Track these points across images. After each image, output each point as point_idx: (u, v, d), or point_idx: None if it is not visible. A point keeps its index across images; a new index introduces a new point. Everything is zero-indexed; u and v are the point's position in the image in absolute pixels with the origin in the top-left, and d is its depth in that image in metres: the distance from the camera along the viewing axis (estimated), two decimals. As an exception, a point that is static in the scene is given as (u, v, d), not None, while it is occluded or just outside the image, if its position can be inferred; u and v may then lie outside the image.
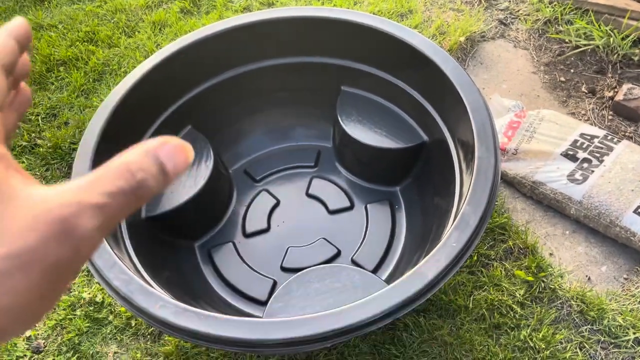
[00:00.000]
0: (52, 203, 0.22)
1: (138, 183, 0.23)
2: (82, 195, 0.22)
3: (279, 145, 1.31)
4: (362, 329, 0.74)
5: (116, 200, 0.23)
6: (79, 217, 0.22)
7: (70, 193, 0.22)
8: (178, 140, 0.26)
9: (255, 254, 1.14)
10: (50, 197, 0.22)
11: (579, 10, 1.58)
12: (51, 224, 0.21)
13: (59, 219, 0.22)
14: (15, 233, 0.21)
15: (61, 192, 0.23)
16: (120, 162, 0.24)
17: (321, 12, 1.13)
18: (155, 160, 0.24)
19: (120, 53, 1.63)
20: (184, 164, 0.25)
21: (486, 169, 0.87)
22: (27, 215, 0.22)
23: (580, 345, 1.03)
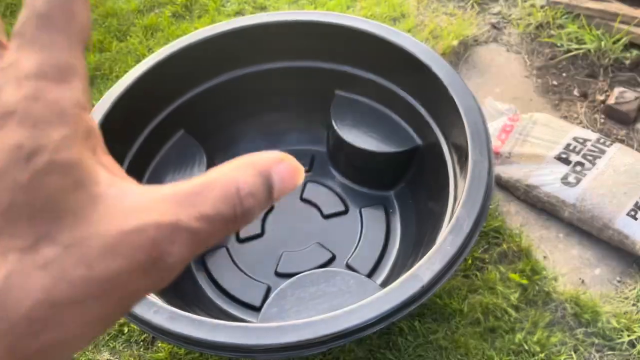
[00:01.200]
0: (146, 216, 0.18)
1: (244, 211, 0.19)
2: (180, 211, 0.18)
3: (273, 150, 1.30)
4: (357, 334, 0.74)
5: (213, 226, 0.19)
6: (171, 244, 0.18)
7: (167, 205, 0.18)
8: (293, 160, 0.21)
9: (249, 259, 1.14)
10: (143, 205, 0.18)
11: (570, 15, 1.59)
12: (141, 250, 0.17)
13: (151, 243, 0.17)
14: (99, 252, 0.17)
15: (155, 200, 0.18)
16: (229, 179, 0.20)
17: (314, 16, 1.13)
18: (266, 182, 0.20)
19: (112, 58, 1.63)
20: (293, 186, 0.21)
21: (480, 172, 0.87)
22: (114, 230, 0.17)
23: (575, 348, 1.03)
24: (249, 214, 0.20)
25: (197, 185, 0.19)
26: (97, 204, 0.18)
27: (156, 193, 0.19)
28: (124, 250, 0.17)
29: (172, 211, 0.18)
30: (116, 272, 0.17)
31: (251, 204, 0.19)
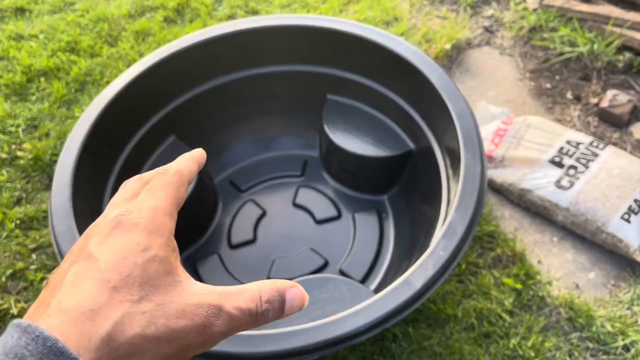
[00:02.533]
0: (203, 299, 0.29)
1: (262, 311, 0.31)
2: (224, 301, 0.30)
3: (265, 155, 1.29)
4: (350, 340, 0.73)
5: (243, 315, 0.30)
6: (217, 319, 0.29)
7: (217, 295, 0.30)
8: (302, 289, 0.33)
9: (241, 265, 1.12)
10: (202, 292, 0.30)
11: (563, 18, 1.59)
12: (198, 317, 0.29)
13: (205, 314, 0.29)
14: (175, 313, 0.28)
15: (211, 292, 0.30)
16: (257, 289, 0.31)
17: (306, 20, 1.13)
18: (281, 298, 0.32)
19: (103, 63, 1.61)
20: (298, 308, 0.32)
21: (473, 176, 0.86)
22: (185, 302, 0.29)
23: (570, 353, 1.03)
24: (265, 314, 0.31)
25: (237, 289, 0.31)
26: (177, 286, 0.30)
27: (212, 288, 0.31)
28: (189, 315, 0.28)
29: (219, 300, 0.30)
30: (182, 327, 0.28)
31: (267, 307, 0.31)
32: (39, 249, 1.21)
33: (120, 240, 0.30)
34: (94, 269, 0.28)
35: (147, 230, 0.30)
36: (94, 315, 0.26)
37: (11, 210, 1.26)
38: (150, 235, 0.30)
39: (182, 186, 0.36)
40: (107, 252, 0.29)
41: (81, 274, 0.28)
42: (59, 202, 0.87)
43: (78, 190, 0.90)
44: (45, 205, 1.28)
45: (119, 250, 0.29)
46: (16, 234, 1.22)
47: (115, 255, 0.29)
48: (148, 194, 0.34)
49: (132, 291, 0.28)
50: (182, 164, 0.38)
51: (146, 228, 0.31)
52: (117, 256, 0.29)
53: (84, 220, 0.88)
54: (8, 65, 1.62)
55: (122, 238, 0.30)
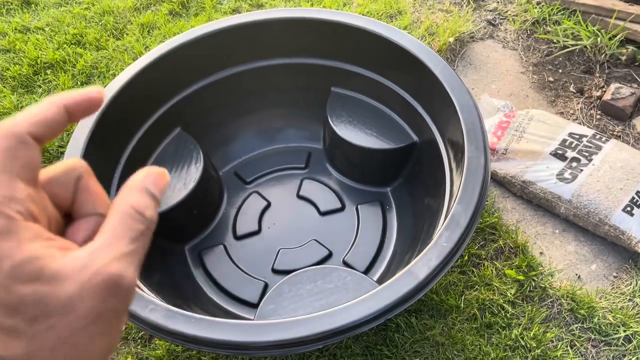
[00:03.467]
0: (94, 266, 0.24)
1: (149, 220, 0.26)
2: (114, 251, 0.25)
3: (270, 147, 1.30)
4: (354, 330, 0.74)
5: (140, 241, 0.26)
6: (122, 271, 0.25)
7: (103, 253, 0.25)
8: (156, 168, 0.29)
9: (246, 256, 1.14)
10: (89, 261, 0.24)
11: (566, 11, 1.59)
12: (102, 286, 0.24)
13: (107, 279, 0.24)
14: (77, 303, 0.24)
15: (95, 254, 0.25)
16: (127, 207, 0.26)
17: (310, 13, 1.13)
18: (148, 193, 0.27)
19: (109, 56, 1.62)
20: (165, 186, 0.28)
21: (476, 168, 0.87)
22: (79, 286, 0.24)
23: (571, 344, 1.04)
24: (153, 220, 0.26)
25: (111, 226, 0.26)
26: (62, 279, 0.24)
27: (91, 248, 0.25)
28: (90, 293, 0.24)
29: (108, 252, 0.25)
30: (94, 306, 0.24)
31: (151, 213, 0.26)
32: (46, 240, 1.22)
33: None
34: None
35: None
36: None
37: (19, 202, 1.27)
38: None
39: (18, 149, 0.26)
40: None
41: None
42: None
43: (86, 181, 0.91)
44: (52, 196, 1.29)
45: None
46: (24, 225, 1.24)
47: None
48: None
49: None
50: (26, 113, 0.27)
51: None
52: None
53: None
54: (15, 57, 1.63)
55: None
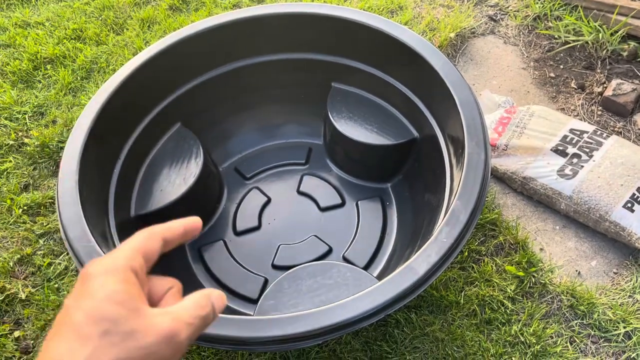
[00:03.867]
0: (163, 322, 0.35)
1: (207, 314, 0.39)
2: (180, 317, 0.37)
3: (270, 143, 1.30)
4: (354, 326, 0.74)
5: (199, 321, 0.38)
6: (179, 331, 0.36)
7: (173, 316, 0.36)
8: (220, 292, 0.41)
9: (246, 251, 1.14)
10: (162, 315, 0.36)
11: (568, 6, 1.59)
12: (164, 334, 0.35)
13: (168, 331, 0.35)
14: (142, 338, 0.34)
15: (168, 315, 0.36)
16: (199, 298, 0.39)
17: (311, 8, 1.13)
18: (211, 302, 0.40)
19: (109, 51, 1.62)
20: (223, 307, 0.41)
21: (476, 164, 0.87)
22: (150, 327, 0.35)
23: (571, 340, 1.04)
24: (210, 316, 0.39)
25: (187, 303, 0.39)
26: (143, 315, 0.35)
27: (168, 309, 0.38)
28: (156, 334, 0.35)
29: (178, 316, 0.37)
30: (154, 343, 0.34)
31: (209, 311, 0.39)
32: (46, 235, 1.22)
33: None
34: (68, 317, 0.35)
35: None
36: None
37: (19, 197, 1.27)
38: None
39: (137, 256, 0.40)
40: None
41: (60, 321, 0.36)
42: (66, 189, 0.88)
43: (85, 176, 0.91)
44: (52, 191, 1.29)
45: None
46: (23, 220, 1.24)
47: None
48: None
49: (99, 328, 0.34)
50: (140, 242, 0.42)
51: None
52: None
53: (90, 207, 0.90)
54: (15, 52, 1.63)
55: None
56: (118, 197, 1.02)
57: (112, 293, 0.35)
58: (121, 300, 0.35)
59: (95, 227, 0.87)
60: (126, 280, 0.36)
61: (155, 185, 1.08)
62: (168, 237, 0.43)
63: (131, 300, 0.35)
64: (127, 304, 0.35)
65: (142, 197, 1.08)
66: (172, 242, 0.43)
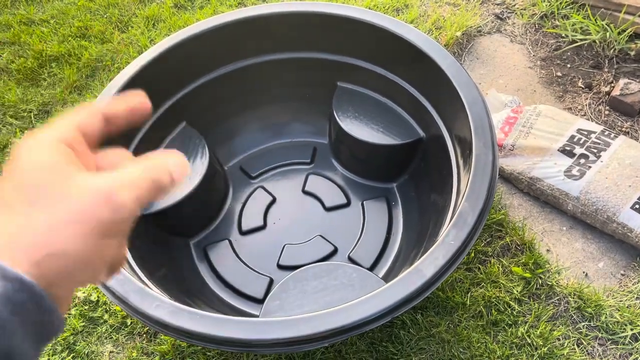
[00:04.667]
0: (98, 182, 0.32)
1: (158, 177, 0.34)
2: (121, 178, 0.33)
3: (275, 142, 1.30)
4: (360, 328, 0.73)
5: (146, 183, 0.34)
6: (118, 190, 0.32)
7: (112, 177, 0.33)
8: (179, 157, 0.37)
9: (252, 251, 1.13)
10: (97, 179, 0.32)
11: (575, 5, 1.58)
12: (98, 193, 0.31)
13: (104, 190, 0.31)
14: (74, 200, 0.31)
15: (105, 176, 0.33)
16: (148, 160, 0.35)
17: (317, 7, 1.12)
18: (165, 166, 0.36)
19: (114, 49, 1.62)
20: (184, 174, 0.36)
21: (484, 165, 0.86)
22: (82, 189, 0.31)
23: (578, 342, 1.03)
24: (161, 180, 0.35)
25: (129, 167, 0.35)
26: (71, 180, 0.32)
27: (107, 173, 0.33)
28: (88, 196, 0.31)
29: (116, 177, 0.33)
30: (86, 206, 0.31)
31: (158, 173, 0.35)
32: (51, 234, 1.22)
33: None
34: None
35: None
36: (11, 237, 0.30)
37: (24, 195, 1.27)
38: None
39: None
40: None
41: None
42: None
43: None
44: (57, 190, 1.29)
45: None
46: (29, 219, 1.23)
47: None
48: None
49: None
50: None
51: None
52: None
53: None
54: (19, 50, 1.63)
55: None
56: (123, 197, 1.01)
57: (38, 161, 0.33)
58: (50, 166, 0.33)
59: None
60: (56, 150, 0.34)
61: (160, 184, 1.08)
62: (109, 114, 0.39)
63: (60, 166, 0.33)
64: (57, 170, 0.32)
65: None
66: (114, 119, 0.39)
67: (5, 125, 1.43)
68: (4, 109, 1.46)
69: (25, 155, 0.33)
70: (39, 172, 0.32)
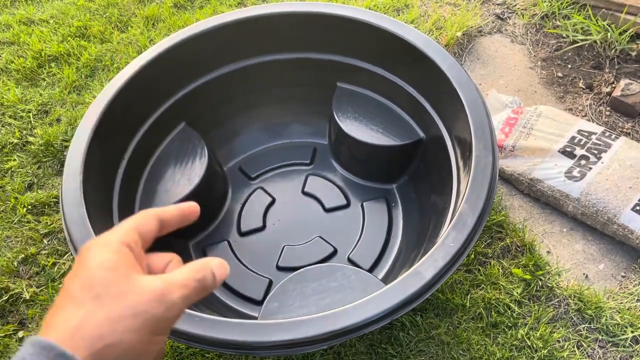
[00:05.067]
0: (154, 283, 0.37)
1: (203, 277, 0.40)
2: (172, 279, 0.38)
3: (275, 143, 1.29)
4: (359, 331, 0.73)
5: (194, 283, 0.39)
6: (171, 290, 0.37)
7: (165, 278, 0.38)
8: (220, 260, 0.43)
9: (251, 252, 1.13)
10: (152, 280, 0.37)
11: (576, 5, 1.57)
12: (154, 293, 0.36)
13: (158, 291, 0.37)
14: (132, 298, 0.35)
15: (159, 278, 0.38)
16: (195, 263, 0.41)
17: (316, 7, 1.12)
18: (209, 268, 0.41)
19: (113, 48, 1.61)
20: (225, 275, 0.43)
21: (484, 167, 0.86)
22: (139, 289, 0.36)
23: (578, 344, 1.03)
24: (206, 281, 0.40)
25: (180, 269, 0.41)
26: (132, 280, 0.37)
27: (160, 275, 0.39)
28: (145, 294, 0.36)
29: (168, 279, 0.38)
30: (141, 303, 0.36)
31: (203, 275, 0.40)
32: (50, 235, 1.21)
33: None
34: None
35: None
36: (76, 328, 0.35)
37: (23, 196, 1.27)
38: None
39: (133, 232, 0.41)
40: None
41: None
42: (70, 190, 0.87)
43: (89, 177, 0.90)
44: (57, 190, 1.28)
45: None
46: (28, 219, 1.23)
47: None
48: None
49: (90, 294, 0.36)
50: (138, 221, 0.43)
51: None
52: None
53: (94, 207, 0.89)
54: (19, 50, 1.62)
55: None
56: (122, 198, 1.01)
57: (103, 261, 0.37)
58: (112, 267, 0.37)
59: (99, 228, 0.86)
60: (118, 251, 0.38)
61: (159, 185, 1.08)
62: (164, 218, 0.44)
63: (122, 267, 0.37)
64: (118, 270, 0.37)
65: (146, 197, 1.07)
66: (168, 223, 0.45)
67: (4, 126, 1.42)
68: (3, 109, 1.46)
69: (92, 256, 0.38)
70: (103, 272, 0.36)
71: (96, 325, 0.34)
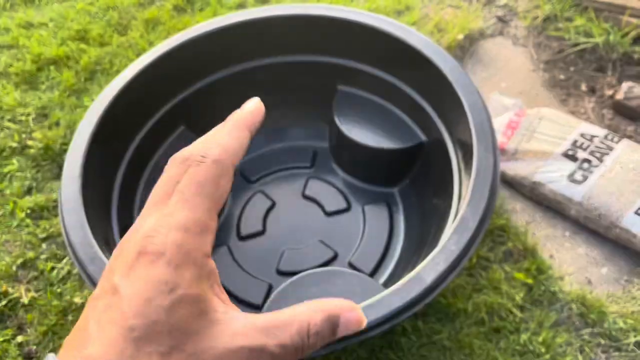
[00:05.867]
0: (244, 341, 0.29)
1: (310, 345, 0.31)
2: (267, 340, 0.30)
3: (274, 146, 1.29)
4: (360, 336, 0.72)
5: (287, 351, 0.30)
6: (269, 343, 0.30)
7: (258, 333, 0.30)
8: (359, 313, 0.33)
9: (250, 256, 1.12)
10: (242, 332, 0.29)
11: (578, 7, 1.57)
12: (243, 356, 0.29)
13: (247, 356, 0.29)
14: (220, 355, 0.28)
15: (252, 328, 0.30)
16: (305, 319, 0.31)
17: (317, 9, 1.11)
18: (333, 326, 0.32)
19: (113, 52, 1.61)
20: (353, 332, 0.33)
21: (485, 169, 0.85)
22: (223, 347, 0.28)
23: (581, 349, 1.02)
24: (313, 346, 0.31)
25: (281, 320, 0.30)
26: (212, 327, 0.28)
27: (254, 322, 0.29)
28: (233, 355, 0.28)
29: (261, 339, 0.29)
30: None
31: (315, 340, 0.31)
32: (49, 239, 1.21)
33: (144, 274, 0.28)
34: (117, 310, 0.26)
35: (173, 263, 0.29)
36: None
37: (22, 200, 1.26)
38: (177, 269, 0.28)
39: (223, 177, 0.33)
40: (131, 288, 0.27)
41: (105, 316, 0.27)
42: (69, 194, 0.86)
43: (87, 182, 0.89)
44: (56, 194, 1.28)
45: (142, 288, 0.27)
46: (26, 223, 1.23)
47: (139, 294, 0.27)
48: (178, 199, 0.32)
49: (160, 341, 0.26)
50: (226, 142, 0.33)
51: (172, 260, 0.29)
52: (141, 297, 0.27)
53: (93, 212, 0.88)
54: (18, 53, 1.62)
55: (146, 272, 0.28)
56: (121, 202, 1.00)
57: (186, 288, 0.28)
58: (195, 300, 0.29)
59: (98, 232, 0.85)
60: (202, 269, 0.30)
61: (158, 189, 1.07)
62: (253, 129, 0.34)
63: (206, 303, 0.29)
64: (202, 307, 0.29)
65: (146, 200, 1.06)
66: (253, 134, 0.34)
67: (3, 129, 1.42)
68: (2, 112, 1.46)
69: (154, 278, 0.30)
70: (186, 306, 0.28)
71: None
